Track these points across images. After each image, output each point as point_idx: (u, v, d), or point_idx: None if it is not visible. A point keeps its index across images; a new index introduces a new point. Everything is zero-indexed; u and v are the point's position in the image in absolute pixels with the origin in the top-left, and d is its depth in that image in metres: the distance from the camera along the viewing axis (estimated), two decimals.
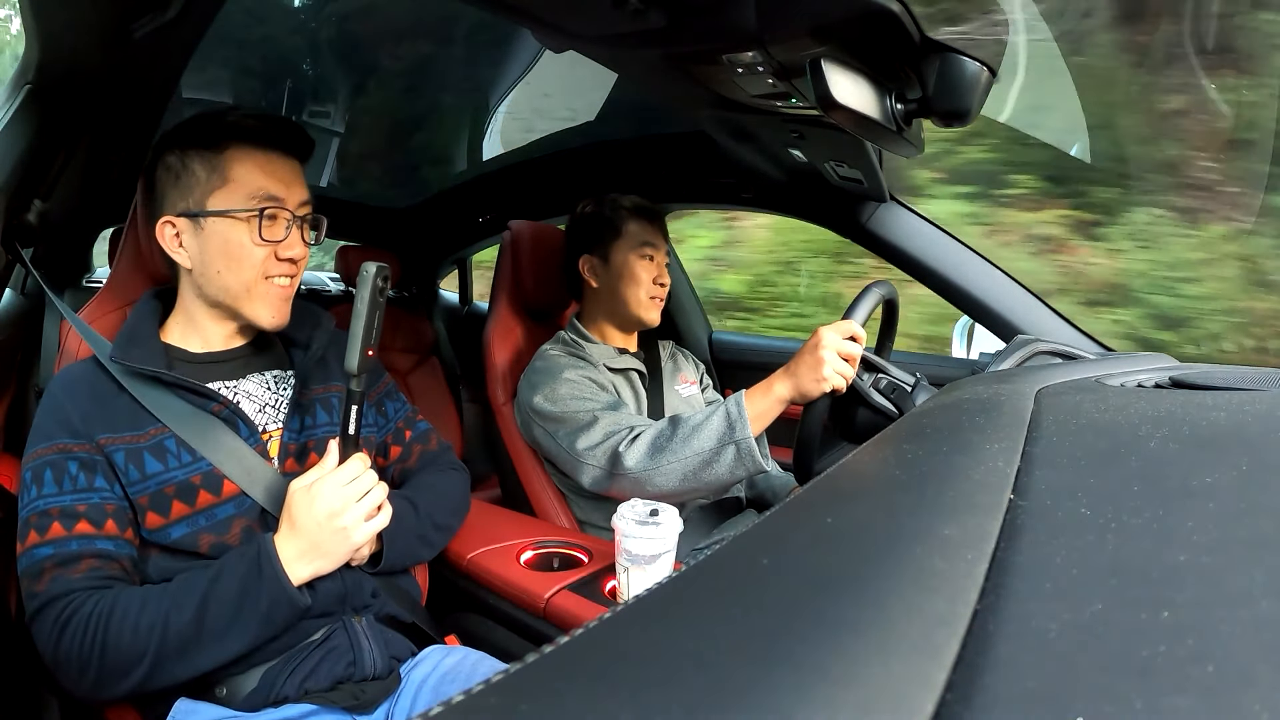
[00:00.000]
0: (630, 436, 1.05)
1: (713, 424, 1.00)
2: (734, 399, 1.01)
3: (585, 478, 1.10)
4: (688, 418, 1.03)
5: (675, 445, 1.01)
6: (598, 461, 1.08)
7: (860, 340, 0.97)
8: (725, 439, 0.99)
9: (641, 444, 1.03)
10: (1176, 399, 0.42)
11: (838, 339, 0.96)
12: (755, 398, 1.00)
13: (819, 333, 0.97)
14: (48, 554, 0.69)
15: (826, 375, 0.95)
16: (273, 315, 0.82)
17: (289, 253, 0.80)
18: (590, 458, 1.08)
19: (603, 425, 1.09)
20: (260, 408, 0.84)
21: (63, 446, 0.73)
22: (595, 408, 1.12)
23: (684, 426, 1.02)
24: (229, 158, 0.78)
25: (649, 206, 1.29)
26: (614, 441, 1.06)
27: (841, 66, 0.79)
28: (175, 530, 0.74)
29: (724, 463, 0.99)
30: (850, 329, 0.97)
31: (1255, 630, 0.16)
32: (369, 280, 0.71)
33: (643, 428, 1.06)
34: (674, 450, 1.01)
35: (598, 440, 1.08)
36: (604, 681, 0.15)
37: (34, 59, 0.93)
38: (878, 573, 0.19)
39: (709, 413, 1.02)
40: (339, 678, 0.76)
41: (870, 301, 0.99)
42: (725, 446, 0.99)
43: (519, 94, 1.92)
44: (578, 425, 1.11)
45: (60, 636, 0.66)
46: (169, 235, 0.80)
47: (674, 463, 1.00)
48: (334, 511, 0.73)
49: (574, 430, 1.11)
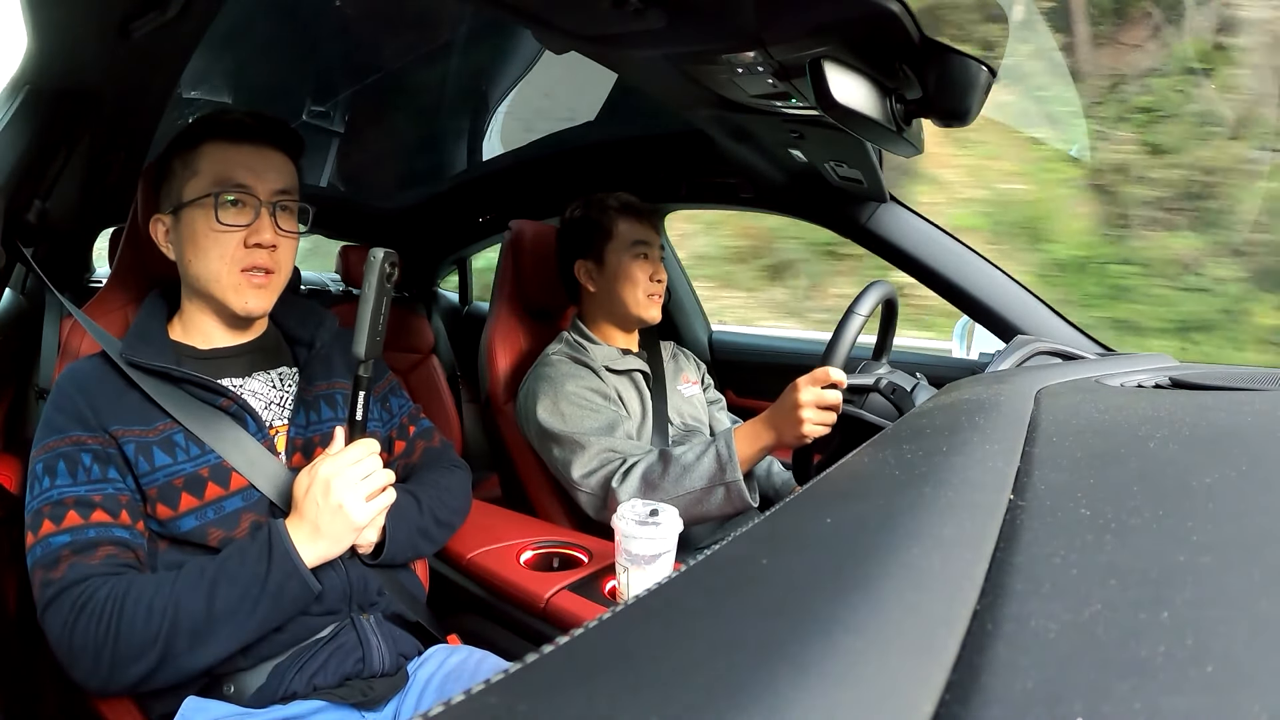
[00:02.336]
0: (623, 470, 1.07)
1: (704, 465, 1.02)
2: (724, 439, 1.03)
3: (580, 501, 1.13)
4: (679, 455, 1.05)
5: (666, 485, 1.03)
6: (592, 490, 1.10)
7: (841, 384, 0.97)
8: (716, 480, 1.01)
9: (633, 480, 1.05)
10: (1176, 399, 0.42)
11: (815, 392, 0.96)
12: (742, 441, 1.02)
13: (796, 386, 0.97)
14: (65, 541, 0.69)
15: (806, 432, 0.96)
16: (246, 302, 0.81)
17: (257, 238, 0.80)
18: (585, 485, 1.11)
19: (597, 452, 1.11)
20: (266, 405, 0.85)
21: (76, 439, 0.73)
22: (593, 428, 1.13)
23: (675, 465, 1.04)
24: (201, 152, 0.80)
25: (638, 204, 1.29)
26: (607, 473, 1.08)
27: (841, 66, 0.79)
28: (184, 523, 0.75)
29: (714, 502, 1.02)
30: (826, 377, 0.96)
31: (1255, 630, 0.16)
32: (377, 266, 0.72)
33: (635, 459, 1.08)
34: (665, 490, 1.03)
35: (592, 469, 1.10)
36: (604, 681, 0.15)
37: (34, 59, 0.93)
38: (877, 573, 0.19)
39: (699, 453, 1.03)
40: (347, 674, 0.77)
41: (849, 335, 0.98)
42: (715, 488, 1.01)
43: (519, 94, 1.92)
44: (574, 448, 1.12)
45: (76, 621, 0.66)
46: (160, 232, 0.83)
47: (664, 500, 1.01)
48: (340, 494, 0.74)
49: (569, 453, 1.12)
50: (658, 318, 1.28)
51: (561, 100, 1.83)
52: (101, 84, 0.99)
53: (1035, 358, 0.91)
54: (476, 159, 2.20)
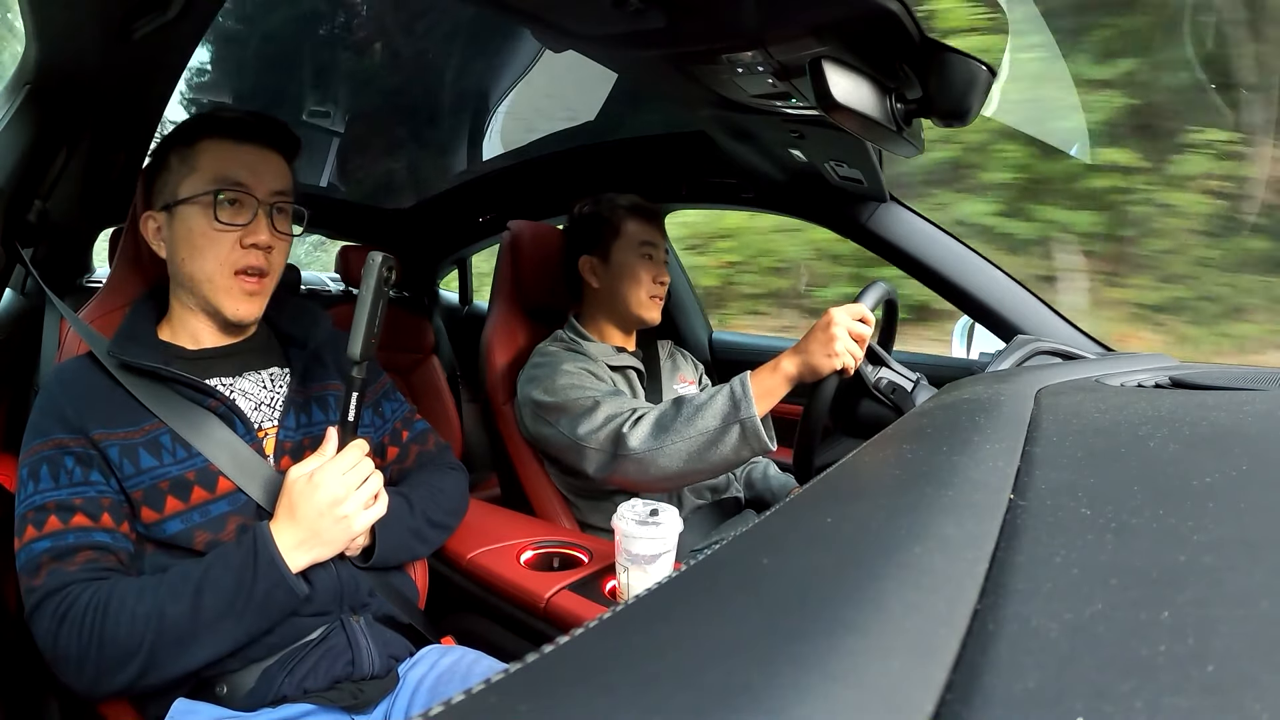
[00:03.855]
0: (633, 418, 1.05)
1: (717, 403, 0.99)
2: (739, 378, 1.01)
3: (589, 464, 1.09)
4: (692, 397, 1.03)
5: (679, 425, 1.00)
6: (600, 445, 1.07)
7: (870, 324, 0.98)
8: (730, 418, 0.98)
9: (645, 424, 1.03)
10: (1176, 399, 0.42)
11: (849, 318, 0.97)
12: (762, 375, 1.00)
13: (830, 312, 0.98)
14: (45, 548, 0.69)
15: (838, 350, 0.96)
16: (237, 306, 0.80)
17: (253, 239, 0.79)
18: (593, 441, 1.07)
19: (604, 409, 1.08)
20: (256, 406, 0.84)
21: (59, 442, 0.73)
22: (595, 394, 1.12)
23: (688, 406, 1.01)
24: (199, 149, 0.79)
25: (647, 205, 1.29)
26: (617, 423, 1.06)
27: (841, 66, 0.79)
28: (170, 526, 0.74)
29: (729, 442, 0.98)
30: (861, 311, 0.98)
31: (1255, 630, 0.16)
32: (374, 269, 0.72)
33: (645, 409, 1.06)
34: (678, 430, 1.00)
35: (600, 424, 1.07)
36: (604, 681, 0.15)
37: (34, 59, 0.93)
38: (878, 572, 0.19)
39: (713, 392, 1.02)
40: (337, 677, 0.76)
41: (877, 292, 1.00)
42: (730, 426, 0.98)
43: (519, 94, 1.92)
44: (579, 411, 1.10)
45: (59, 630, 0.66)
46: (151, 229, 0.82)
47: (678, 442, 0.99)
48: (336, 499, 0.73)
49: (575, 416, 1.10)
50: (657, 319, 1.28)
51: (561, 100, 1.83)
52: (102, 84, 0.99)
53: (1035, 358, 0.91)
54: (476, 159, 2.20)
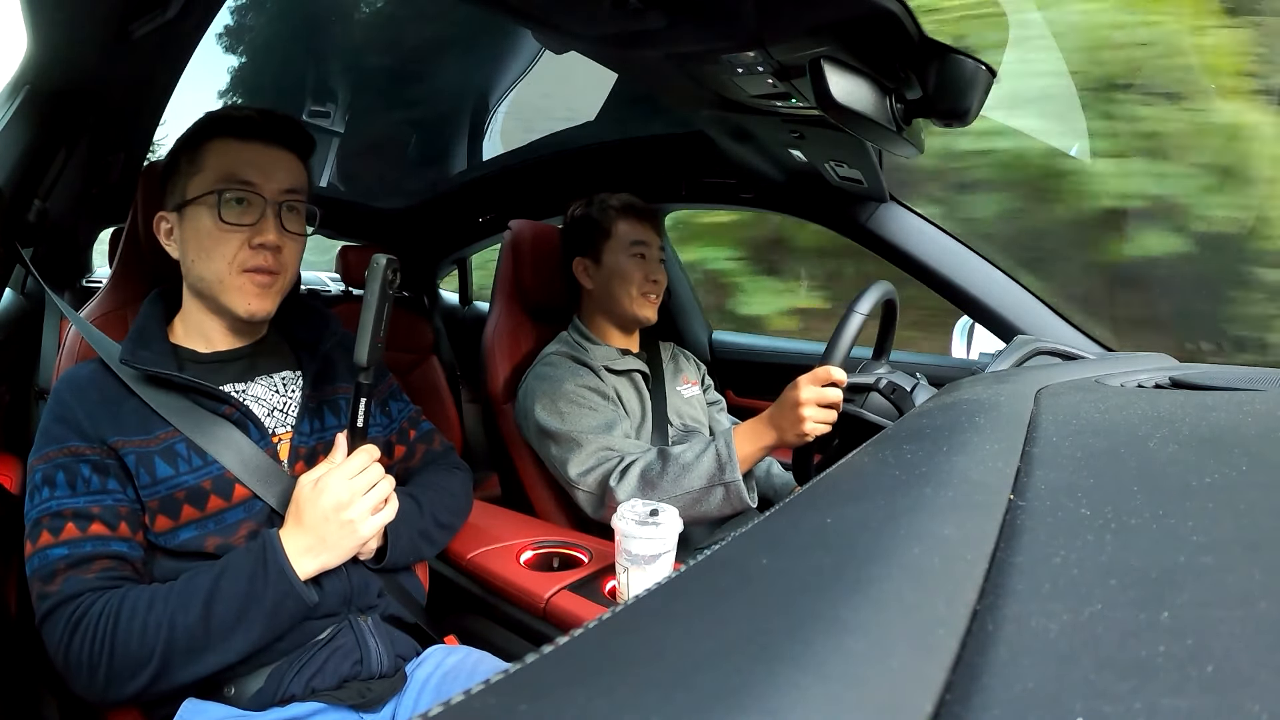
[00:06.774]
0: (621, 468, 1.07)
1: (703, 464, 1.02)
2: (724, 438, 1.03)
3: (580, 502, 1.13)
4: (678, 454, 1.04)
5: (665, 484, 1.03)
6: (590, 488, 1.10)
7: (841, 383, 0.97)
8: (715, 480, 1.01)
9: (631, 478, 1.05)
10: (1176, 399, 0.42)
11: (815, 390, 0.97)
12: (742, 440, 1.02)
13: (797, 385, 0.98)
14: (62, 554, 0.69)
15: (807, 430, 0.96)
16: (248, 304, 0.79)
17: (261, 238, 0.78)
18: (582, 484, 1.11)
19: (594, 450, 1.10)
20: (269, 411, 0.83)
21: (74, 450, 0.73)
22: (590, 426, 1.13)
23: (674, 465, 1.03)
24: (207, 148, 0.79)
25: (639, 204, 1.29)
26: (604, 470, 1.08)
27: (841, 66, 0.79)
28: (182, 534, 0.74)
29: (713, 502, 1.02)
30: (827, 375, 0.96)
31: (1255, 630, 0.16)
32: (379, 272, 0.72)
33: (634, 458, 1.08)
34: (663, 489, 1.03)
35: (589, 467, 1.10)
36: (604, 681, 0.15)
37: (34, 59, 0.93)
38: (877, 573, 0.19)
39: (699, 452, 1.03)
40: (345, 676, 0.76)
41: (849, 334, 0.98)
42: (714, 487, 1.01)
43: (519, 94, 1.92)
44: (571, 447, 1.12)
45: (71, 638, 0.66)
46: (164, 230, 0.82)
47: (663, 499, 1.01)
48: (341, 504, 0.73)
49: (566, 451, 1.12)
50: (653, 318, 1.28)
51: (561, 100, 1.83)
52: (101, 84, 0.99)
53: (1035, 358, 0.91)
54: (476, 159, 2.20)
